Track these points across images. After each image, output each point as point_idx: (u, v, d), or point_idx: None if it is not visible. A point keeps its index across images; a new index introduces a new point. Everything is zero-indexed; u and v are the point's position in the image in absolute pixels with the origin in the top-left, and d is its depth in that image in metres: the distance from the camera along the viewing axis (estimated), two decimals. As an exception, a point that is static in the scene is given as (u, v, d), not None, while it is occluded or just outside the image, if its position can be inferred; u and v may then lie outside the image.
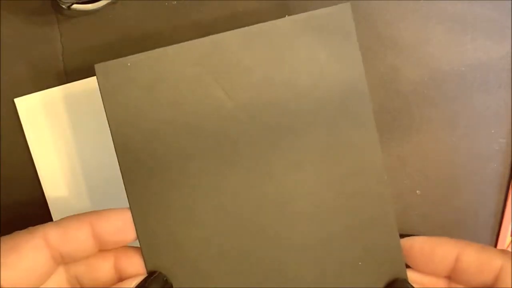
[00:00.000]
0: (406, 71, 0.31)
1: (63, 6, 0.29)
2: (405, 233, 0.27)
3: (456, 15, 0.31)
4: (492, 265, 0.25)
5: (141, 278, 0.25)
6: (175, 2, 0.30)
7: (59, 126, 0.31)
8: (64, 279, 0.26)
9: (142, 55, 0.26)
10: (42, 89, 0.30)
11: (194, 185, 0.26)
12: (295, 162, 0.26)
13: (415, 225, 0.32)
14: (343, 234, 0.27)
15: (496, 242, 0.32)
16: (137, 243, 0.26)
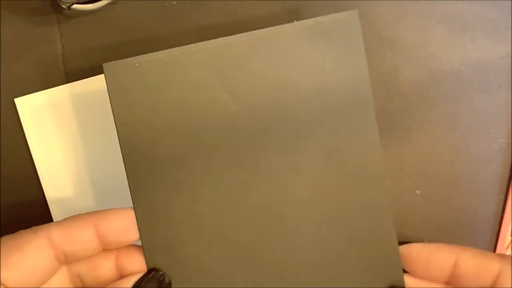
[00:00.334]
0: (406, 71, 0.31)
1: (63, 6, 0.29)
2: (403, 241, 0.27)
3: (456, 15, 0.31)
4: (490, 270, 0.25)
5: (140, 276, 0.25)
6: (175, 2, 0.30)
7: (60, 126, 0.31)
8: (67, 278, 0.26)
9: (150, 56, 0.26)
10: (42, 89, 0.30)
11: (197, 187, 0.26)
12: (297, 166, 0.26)
13: (415, 225, 0.32)
14: (342, 240, 0.27)
15: (496, 242, 0.32)
16: (140, 242, 0.26)
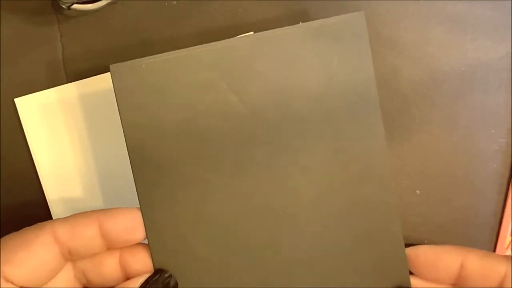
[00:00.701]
0: (406, 71, 0.31)
1: (63, 6, 0.29)
2: (406, 242, 0.27)
3: (456, 15, 0.31)
4: (497, 271, 0.25)
5: (146, 277, 0.25)
6: (175, 2, 0.30)
7: (60, 126, 0.31)
8: (72, 275, 0.26)
9: (156, 58, 0.26)
10: (42, 89, 0.30)
11: (205, 187, 0.26)
12: (304, 167, 0.26)
13: (415, 225, 0.32)
14: (348, 240, 0.27)
15: (496, 242, 0.32)
16: (145, 242, 0.26)
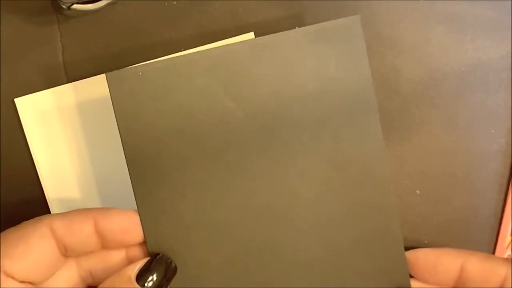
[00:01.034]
0: (406, 71, 0.31)
1: (63, 6, 0.28)
2: (409, 243, 0.27)
3: (456, 15, 0.31)
4: (497, 274, 0.25)
5: (145, 261, 0.25)
6: (175, 2, 0.30)
7: (60, 126, 0.31)
8: (76, 274, 0.26)
9: (153, 64, 0.26)
10: (42, 89, 0.30)
11: (203, 191, 0.26)
12: (302, 171, 0.26)
13: (415, 225, 0.32)
14: (347, 243, 0.27)
15: (496, 242, 0.32)
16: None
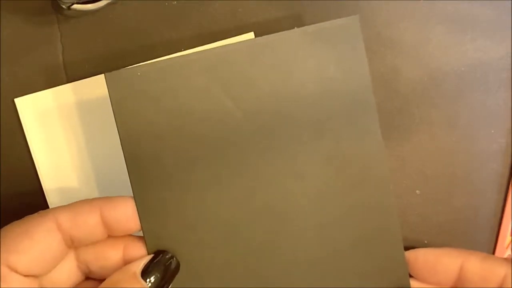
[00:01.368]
0: (406, 71, 0.31)
1: (63, 6, 0.29)
2: (409, 243, 0.27)
3: (456, 15, 0.31)
4: (496, 274, 0.25)
5: (148, 259, 0.26)
6: (175, 2, 0.30)
7: (60, 126, 0.31)
8: (75, 265, 0.26)
9: (152, 65, 0.26)
10: (43, 89, 0.30)
11: (202, 192, 0.26)
12: (300, 171, 0.26)
13: (415, 225, 0.32)
14: (347, 243, 0.27)
15: (496, 242, 0.32)
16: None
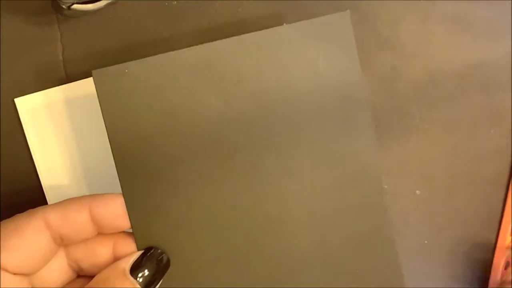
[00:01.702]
0: (406, 71, 0.31)
1: (63, 6, 0.29)
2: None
3: (456, 15, 0.31)
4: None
5: (138, 255, 0.26)
6: (175, 2, 0.30)
7: (60, 126, 0.31)
8: (65, 263, 0.26)
9: (139, 62, 0.26)
10: (43, 89, 0.30)
11: (192, 190, 0.26)
12: (292, 169, 0.26)
13: (415, 225, 0.32)
14: (339, 244, 0.27)
15: (496, 242, 0.32)
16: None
